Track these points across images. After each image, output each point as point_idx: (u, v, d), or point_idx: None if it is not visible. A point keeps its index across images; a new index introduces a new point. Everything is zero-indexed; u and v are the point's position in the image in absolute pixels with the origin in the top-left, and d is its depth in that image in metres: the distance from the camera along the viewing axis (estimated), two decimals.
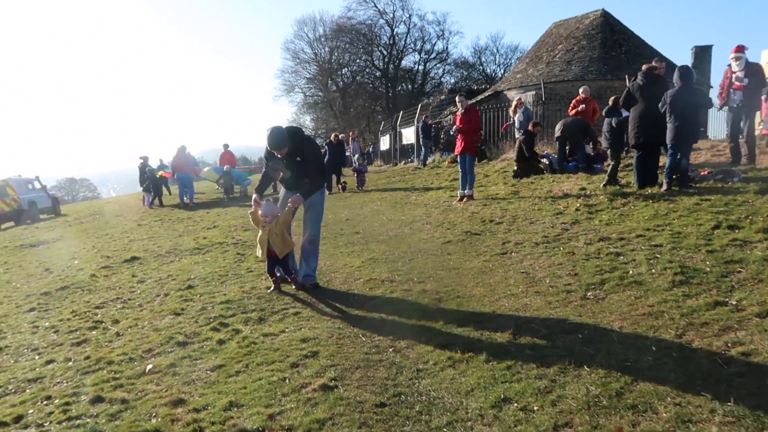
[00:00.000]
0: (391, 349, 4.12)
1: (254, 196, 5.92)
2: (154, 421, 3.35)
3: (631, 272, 5.15)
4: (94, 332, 5.28)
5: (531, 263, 6.02)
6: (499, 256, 6.48)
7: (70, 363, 4.52)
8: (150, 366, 4.23)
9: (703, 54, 26.47)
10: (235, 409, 3.40)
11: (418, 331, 4.41)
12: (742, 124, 10.19)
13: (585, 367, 3.49)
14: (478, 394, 3.32)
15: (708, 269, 4.90)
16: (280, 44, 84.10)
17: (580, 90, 13.72)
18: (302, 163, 5.76)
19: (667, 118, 8.23)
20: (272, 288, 5.95)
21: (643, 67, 8.92)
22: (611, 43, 25.98)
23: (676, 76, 8.32)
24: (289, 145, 5.53)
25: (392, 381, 3.62)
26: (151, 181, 18.64)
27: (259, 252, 5.80)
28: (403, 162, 27.09)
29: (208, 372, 4.05)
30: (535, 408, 3.09)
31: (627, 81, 10.45)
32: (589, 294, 4.83)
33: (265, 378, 3.79)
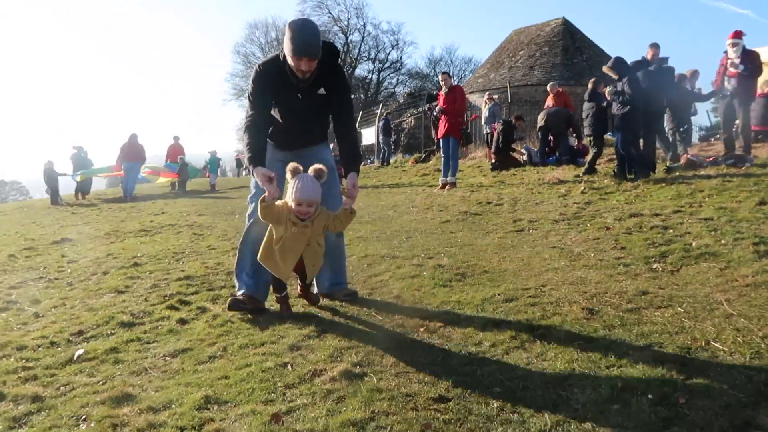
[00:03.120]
0: (422, 329, 3.01)
1: (259, 170, 3.05)
2: (83, 426, 2.11)
3: (694, 244, 4.25)
4: (3, 314, 3.91)
5: (559, 239, 5.05)
6: (515, 233, 5.48)
7: None
8: (80, 351, 2.95)
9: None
10: (215, 408, 2.20)
11: (452, 308, 3.33)
12: (736, 113, 9.69)
13: (717, 343, 2.49)
14: (580, 384, 2.26)
15: None
16: (230, 47, 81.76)
17: (548, 87, 13.07)
18: (330, 103, 3.38)
19: (615, 109, 7.89)
20: (286, 313, 3.32)
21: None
22: (573, 50, 25.88)
23: (609, 66, 8.00)
24: (320, 57, 3.16)
25: (442, 367, 2.51)
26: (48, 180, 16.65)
27: (276, 264, 3.12)
28: (362, 163, 26.02)
29: (167, 358, 2.82)
30: (681, 401, 2.05)
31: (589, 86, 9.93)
32: (655, 266, 3.88)
33: (255, 364, 2.59)
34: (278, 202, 3.01)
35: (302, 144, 3.50)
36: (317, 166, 3.02)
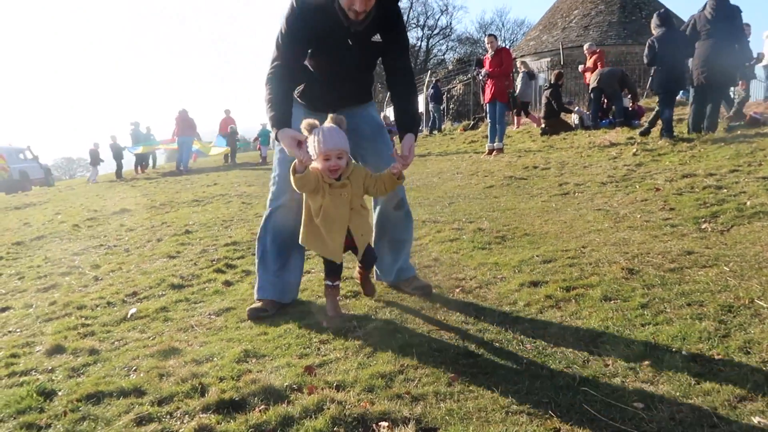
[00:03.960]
0: (458, 289, 3.04)
1: (286, 133, 2.48)
2: (133, 376, 2.27)
3: (749, 203, 4.06)
4: (67, 278, 4.19)
5: (605, 201, 4.92)
6: (560, 197, 5.38)
7: (30, 310, 3.44)
8: (133, 310, 3.14)
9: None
10: (254, 360, 2.31)
11: (489, 270, 3.32)
12: None
13: (762, 301, 2.41)
14: (612, 341, 2.23)
15: None
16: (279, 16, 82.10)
17: (585, 48, 12.68)
18: (386, 54, 2.78)
19: (653, 67, 7.86)
20: (330, 312, 2.71)
21: None
22: (631, 7, 24.59)
23: (655, 22, 7.88)
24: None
25: (474, 326, 2.53)
26: (114, 153, 17.57)
27: (322, 242, 2.62)
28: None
29: (212, 316, 2.96)
30: (716, 357, 2.00)
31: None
32: (704, 226, 3.74)
33: (292, 321, 2.70)
34: (307, 161, 2.45)
35: (344, 104, 2.79)
36: (334, 115, 2.52)
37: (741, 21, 7.36)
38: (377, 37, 2.68)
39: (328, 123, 2.50)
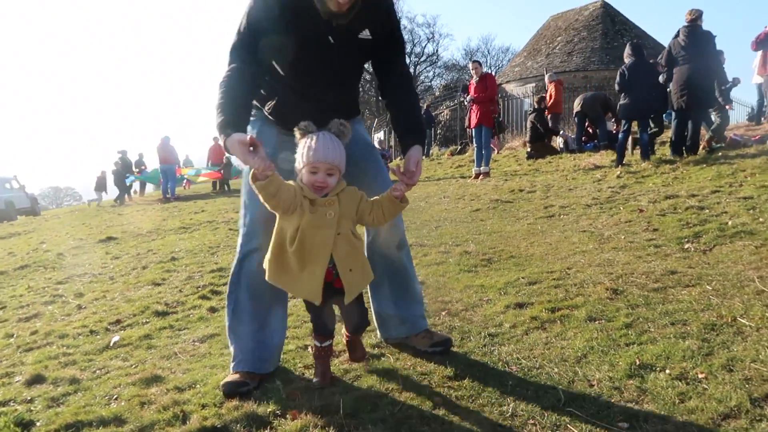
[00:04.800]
0: (444, 312, 3.03)
1: (234, 138, 1.90)
2: (114, 405, 2.23)
3: (730, 223, 4.12)
4: (50, 307, 4.14)
5: (590, 223, 4.97)
6: (546, 219, 5.42)
7: (11, 339, 3.38)
8: (116, 338, 3.10)
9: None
10: None
11: (475, 292, 3.33)
12: None
13: (744, 319, 2.42)
14: (597, 361, 2.24)
15: None
16: None
17: (546, 78, 13.22)
18: (379, 52, 2.29)
19: (622, 94, 8.12)
20: (317, 379, 2.22)
21: (686, 16, 7.88)
22: (612, 34, 25.17)
23: (627, 51, 8.22)
24: None
25: (460, 348, 2.52)
26: (117, 178, 17.67)
27: (294, 278, 2.04)
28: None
29: (196, 343, 2.93)
30: (700, 375, 2.01)
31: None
32: (687, 246, 3.78)
33: None
34: (290, 182, 2.00)
35: (325, 118, 2.09)
36: (337, 121, 2.04)
37: (714, 46, 7.56)
38: (366, 33, 2.17)
39: (330, 127, 2.03)
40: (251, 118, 2.20)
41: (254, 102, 2.24)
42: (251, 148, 1.87)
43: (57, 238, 9.24)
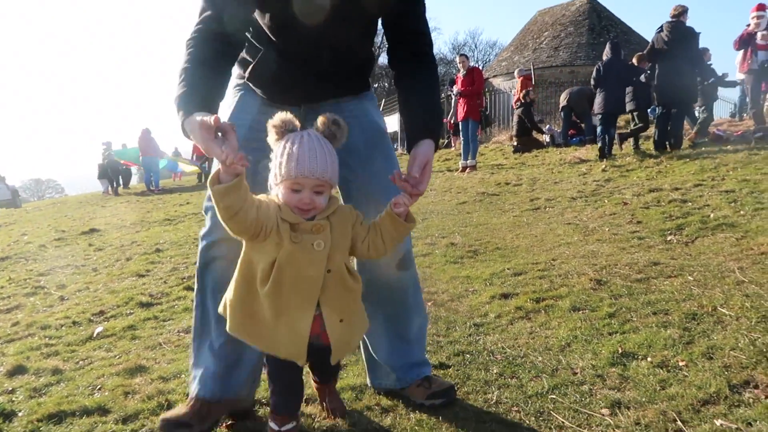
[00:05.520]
0: (430, 303, 3.04)
1: (194, 118, 1.37)
2: (98, 395, 2.21)
3: (712, 216, 4.17)
4: (31, 298, 4.08)
5: (575, 215, 5.01)
6: (531, 212, 5.45)
7: None
8: (99, 329, 3.07)
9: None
10: None
11: (461, 283, 3.35)
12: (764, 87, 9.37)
13: (724, 308, 2.46)
14: (581, 350, 2.26)
15: None
16: None
17: (516, 73, 13.48)
18: (389, 14, 1.72)
19: (597, 90, 8.57)
20: None
21: (671, 12, 7.94)
22: (599, 29, 25.33)
23: (606, 49, 8.70)
24: None
25: (446, 338, 2.54)
26: (110, 167, 17.26)
27: (266, 331, 1.47)
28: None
29: (181, 334, 2.91)
30: (681, 363, 2.04)
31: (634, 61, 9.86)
32: (670, 238, 3.83)
33: None
34: (261, 197, 1.45)
35: (321, 92, 1.78)
36: (328, 115, 1.47)
37: (697, 43, 7.64)
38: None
39: (318, 125, 1.46)
40: (237, 85, 1.81)
41: (237, 69, 1.80)
42: (219, 134, 1.32)
43: (39, 230, 9.12)
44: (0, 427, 1.98)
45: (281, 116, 1.43)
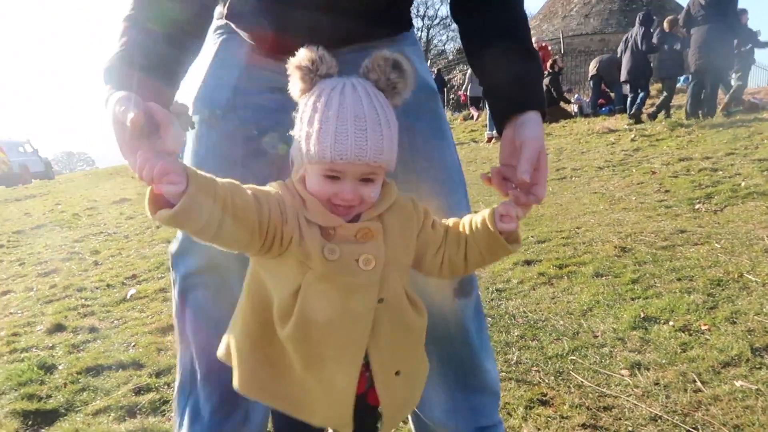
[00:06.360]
0: None
1: (116, 96, 0.76)
2: (132, 351, 2.31)
3: (743, 184, 4.08)
4: (67, 263, 4.24)
5: (601, 184, 4.95)
6: (557, 181, 5.40)
7: (31, 293, 3.48)
8: (132, 291, 3.19)
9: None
10: None
11: None
12: None
13: (751, 275, 2.44)
14: (602, 314, 2.28)
15: None
16: None
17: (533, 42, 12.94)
18: None
19: (625, 57, 8.90)
20: None
21: None
22: None
23: (637, 19, 8.90)
24: None
25: None
26: None
27: (301, 388, 0.89)
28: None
29: None
30: (703, 327, 2.04)
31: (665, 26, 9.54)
32: (698, 207, 3.77)
33: None
34: (271, 186, 0.84)
35: (337, 31, 1.01)
36: (386, 53, 0.83)
37: (735, 4, 7.34)
38: None
39: (363, 70, 0.85)
40: (217, 28, 1.19)
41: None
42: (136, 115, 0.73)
43: (72, 199, 9.38)
44: (42, 378, 2.09)
45: (308, 53, 0.83)
